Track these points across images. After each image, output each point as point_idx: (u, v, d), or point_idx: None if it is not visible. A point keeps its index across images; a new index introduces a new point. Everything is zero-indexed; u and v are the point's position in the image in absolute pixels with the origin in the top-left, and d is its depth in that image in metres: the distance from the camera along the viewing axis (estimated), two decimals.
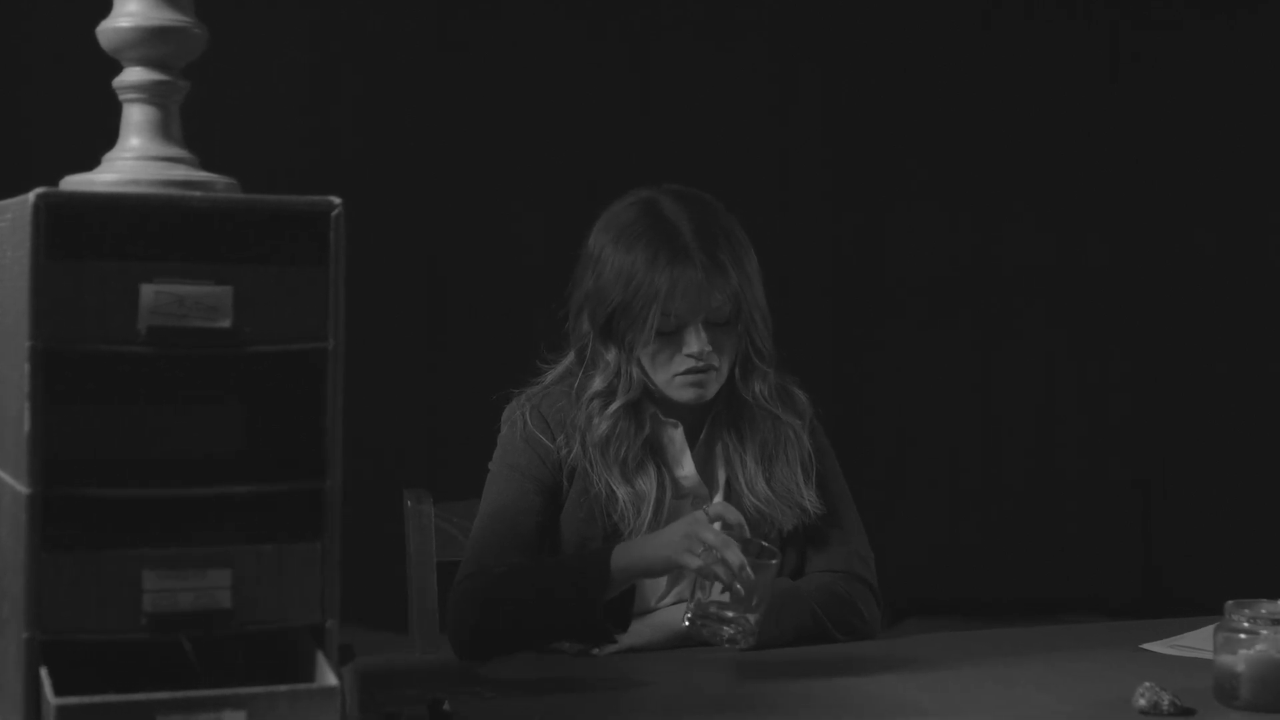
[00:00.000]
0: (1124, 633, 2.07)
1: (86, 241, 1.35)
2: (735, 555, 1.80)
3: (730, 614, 1.82)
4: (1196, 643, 1.96)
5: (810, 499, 2.10)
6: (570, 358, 2.14)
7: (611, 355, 2.06)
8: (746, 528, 1.92)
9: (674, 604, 2.09)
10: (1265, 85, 5.25)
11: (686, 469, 2.10)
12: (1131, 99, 5.45)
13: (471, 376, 4.86)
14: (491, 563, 2.01)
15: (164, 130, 1.48)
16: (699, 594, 1.85)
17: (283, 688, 1.34)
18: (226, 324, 1.38)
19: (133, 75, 1.47)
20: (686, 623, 1.85)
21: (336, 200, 1.43)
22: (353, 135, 4.85)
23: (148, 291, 1.35)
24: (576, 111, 5.03)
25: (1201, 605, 2.09)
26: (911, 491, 5.35)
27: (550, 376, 2.15)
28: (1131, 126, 5.45)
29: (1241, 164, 5.30)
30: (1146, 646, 1.98)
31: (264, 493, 1.41)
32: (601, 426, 2.05)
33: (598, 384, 2.07)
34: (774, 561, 1.85)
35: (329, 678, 1.38)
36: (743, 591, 1.81)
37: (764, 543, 1.89)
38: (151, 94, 1.47)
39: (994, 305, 5.47)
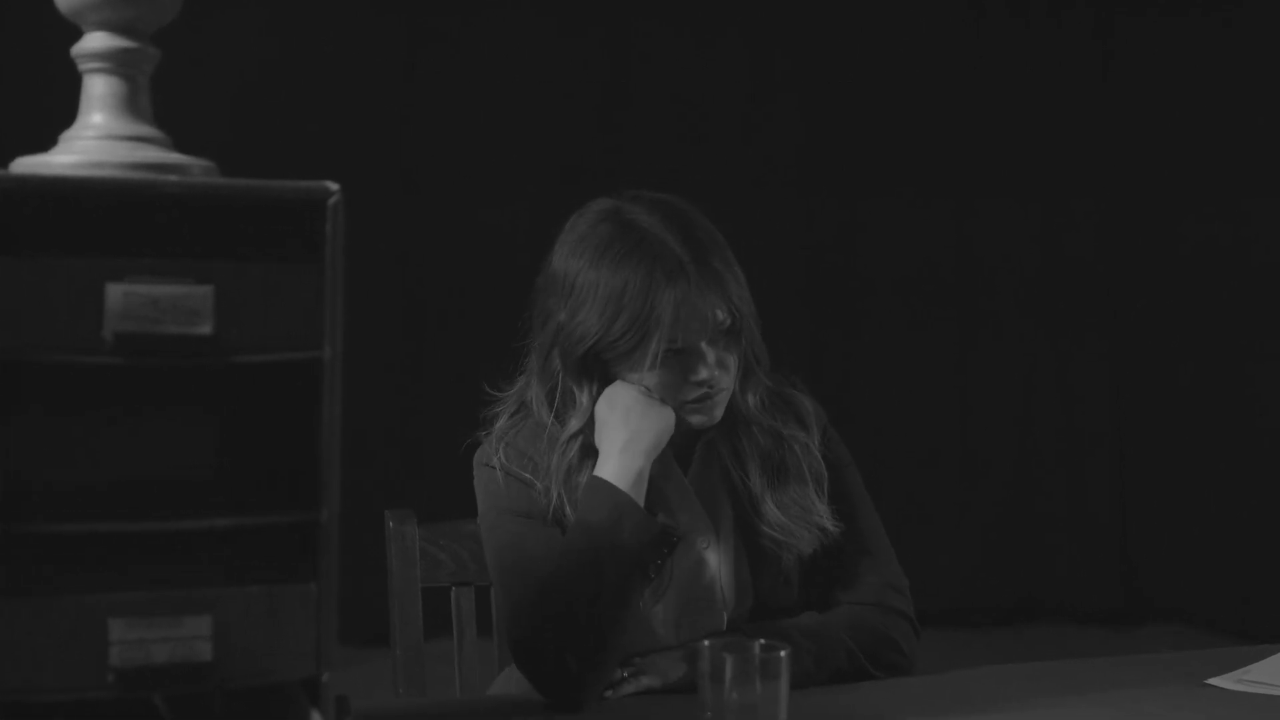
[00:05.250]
0: (1181, 665, 1.90)
1: (43, 234, 1.18)
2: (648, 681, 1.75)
3: None
4: (1266, 676, 1.80)
5: (827, 516, 1.90)
6: (521, 383, 1.90)
7: (585, 397, 1.82)
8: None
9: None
10: (1251, 83, 5.16)
11: (686, 509, 1.87)
12: (1114, 95, 5.39)
13: (456, 385, 4.71)
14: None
15: (131, 105, 1.29)
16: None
17: None
18: (207, 330, 1.21)
19: (94, 42, 1.29)
20: None
21: (334, 186, 1.25)
22: (326, 127, 4.67)
23: (115, 292, 1.18)
24: (554, 109, 4.90)
25: (1183, 612, 1.93)
26: (889, 497, 5.20)
27: (505, 412, 1.91)
28: (1113, 122, 5.39)
29: (1225, 161, 5.23)
30: (1212, 682, 1.81)
31: (249, 525, 1.24)
32: (583, 478, 1.80)
33: (573, 425, 1.83)
34: (781, 653, 1.46)
35: None
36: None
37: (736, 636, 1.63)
38: (117, 63, 1.29)
39: (972, 304, 5.39)
